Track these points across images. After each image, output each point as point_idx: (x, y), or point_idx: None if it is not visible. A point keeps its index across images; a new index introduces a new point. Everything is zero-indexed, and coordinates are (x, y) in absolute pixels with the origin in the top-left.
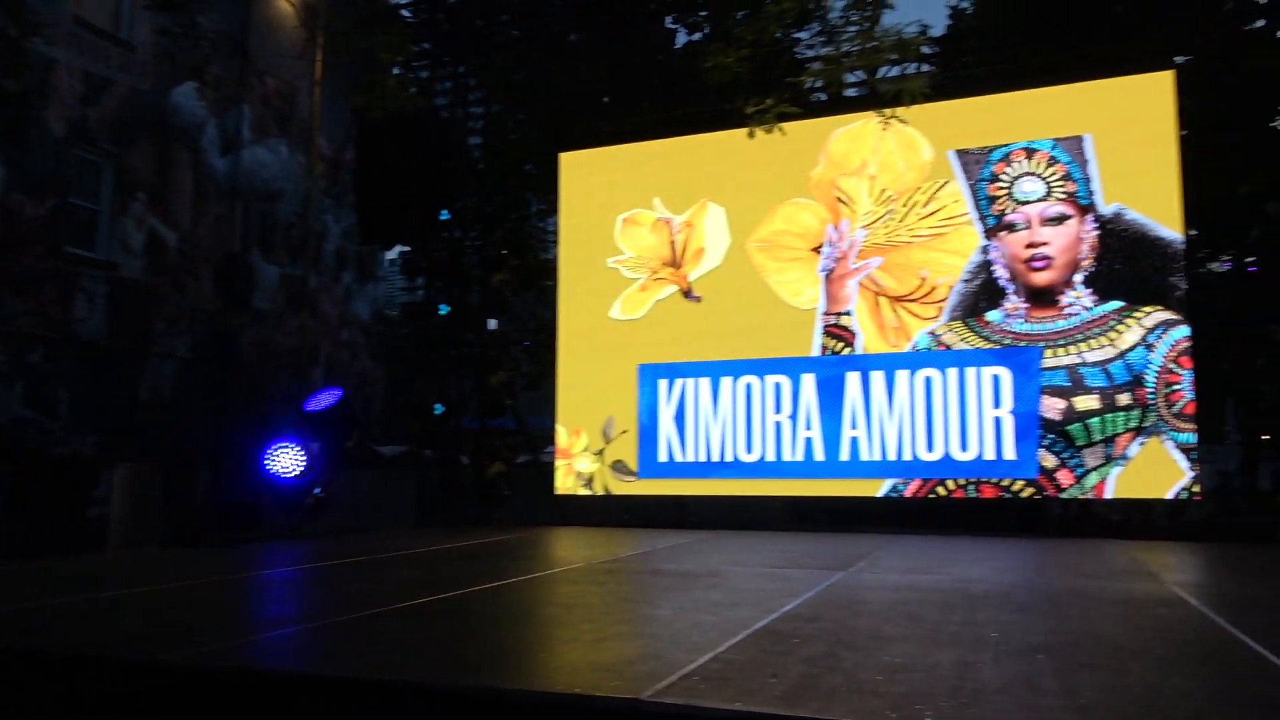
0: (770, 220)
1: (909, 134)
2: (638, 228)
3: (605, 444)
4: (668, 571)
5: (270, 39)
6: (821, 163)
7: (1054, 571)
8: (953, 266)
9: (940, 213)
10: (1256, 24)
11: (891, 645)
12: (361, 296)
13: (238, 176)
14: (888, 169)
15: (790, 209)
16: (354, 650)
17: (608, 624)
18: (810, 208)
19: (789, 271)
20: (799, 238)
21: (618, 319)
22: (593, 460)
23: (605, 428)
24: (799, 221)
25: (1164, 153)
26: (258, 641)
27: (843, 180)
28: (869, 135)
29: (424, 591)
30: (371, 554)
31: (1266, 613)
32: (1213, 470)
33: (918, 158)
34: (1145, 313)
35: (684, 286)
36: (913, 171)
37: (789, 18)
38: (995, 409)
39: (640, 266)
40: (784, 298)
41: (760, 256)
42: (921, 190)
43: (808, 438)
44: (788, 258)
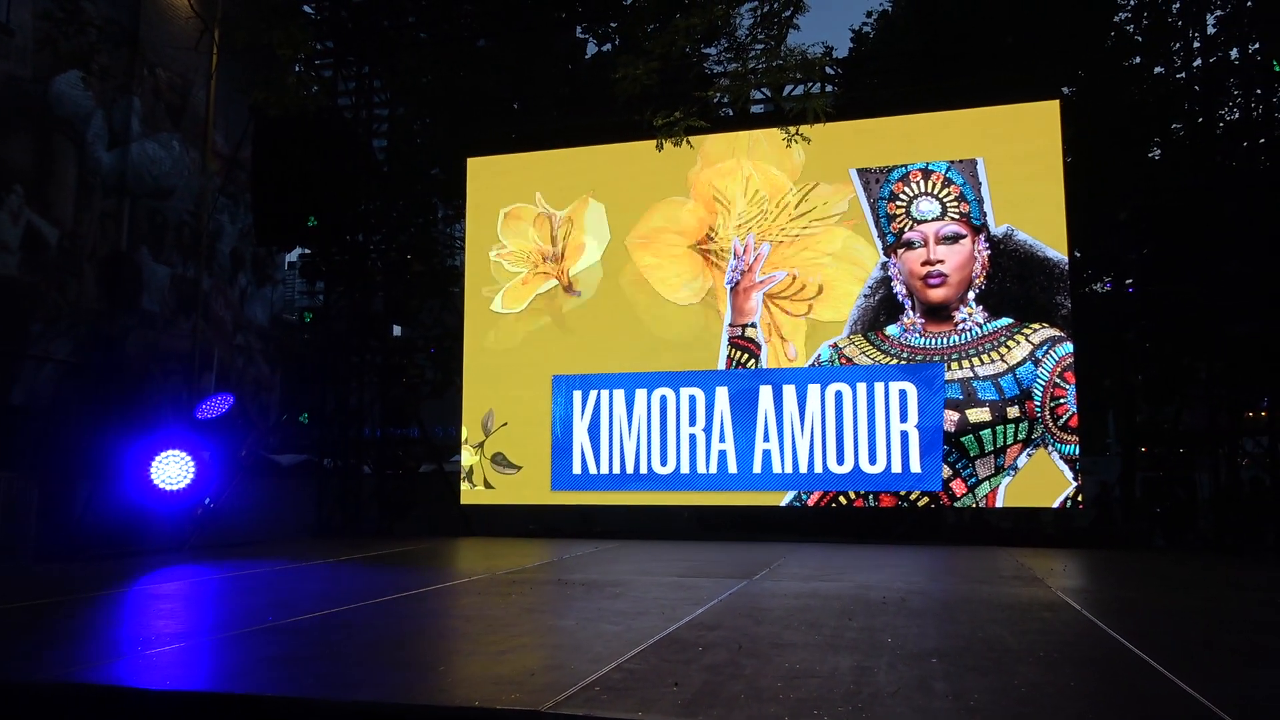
0: (649, 217)
1: (781, 135)
2: (519, 222)
3: (485, 436)
4: (573, 581)
5: (163, 29)
6: (698, 162)
7: (947, 578)
8: (821, 265)
9: (810, 214)
10: (1134, 60)
11: (791, 652)
12: (258, 300)
13: (126, 171)
14: (761, 170)
15: (668, 206)
16: (237, 668)
17: (510, 635)
18: (687, 205)
19: (668, 268)
20: (677, 234)
21: (499, 312)
22: (472, 453)
23: (484, 420)
24: (677, 219)
25: (1051, 178)
26: (133, 660)
27: (718, 180)
28: (744, 137)
29: (318, 605)
30: (264, 567)
31: (1142, 616)
32: (1095, 480)
33: (790, 160)
34: (1033, 329)
35: (564, 281)
36: (784, 173)
37: (697, 33)
38: (902, 423)
39: (522, 260)
40: (663, 293)
41: (640, 253)
42: (793, 191)
43: (721, 450)
44: (666, 254)
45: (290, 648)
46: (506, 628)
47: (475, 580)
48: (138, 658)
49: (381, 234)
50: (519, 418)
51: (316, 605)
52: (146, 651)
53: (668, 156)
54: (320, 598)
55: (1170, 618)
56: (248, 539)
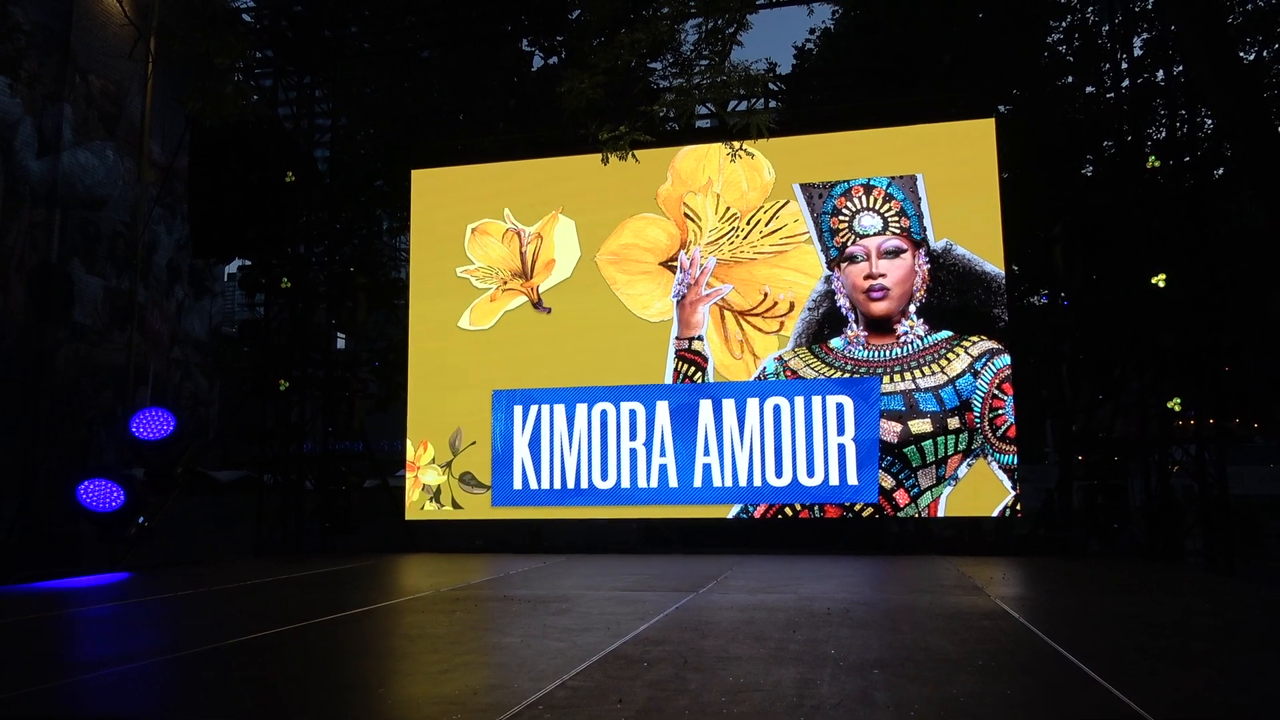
0: (619, 234)
1: (750, 151)
2: (487, 238)
3: (453, 456)
4: (518, 597)
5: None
6: (669, 179)
7: (891, 587)
8: (792, 283)
9: (781, 231)
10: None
11: (736, 665)
12: (196, 312)
13: (57, 180)
14: (732, 188)
15: (639, 223)
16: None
17: (453, 654)
18: (658, 222)
19: (638, 284)
20: (648, 251)
21: (466, 329)
22: (440, 473)
23: (453, 440)
24: (647, 235)
25: (987, 193)
26: (63, 686)
27: (689, 197)
28: (715, 154)
29: (256, 626)
30: (201, 586)
31: (1077, 623)
32: (1035, 489)
33: (760, 178)
34: (972, 342)
35: (534, 298)
36: (755, 191)
37: (643, 47)
38: (839, 436)
39: (490, 277)
40: (633, 310)
41: (610, 269)
42: (764, 209)
43: (662, 464)
44: (637, 270)
45: (226, 671)
46: (450, 646)
47: (419, 598)
48: (60, 686)
49: (324, 245)
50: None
51: (255, 626)
52: (70, 680)
53: (638, 173)
54: (258, 618)
55: (1103, 624)
56: (185, 558)
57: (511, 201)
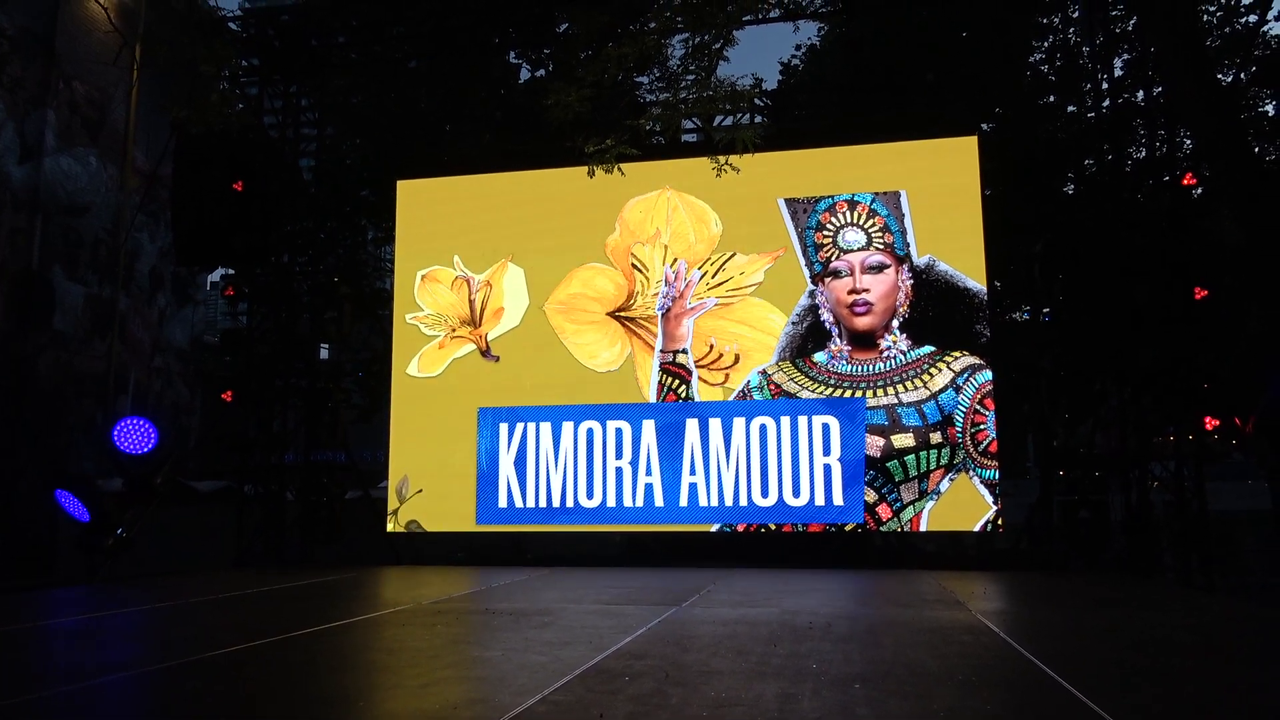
0: (568, 283)
1: (700, 207)
2: (437, 284)
3: (399, 503)
4: (500, 611)
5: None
6: (618, 229)
7: (873, 602)
8: (738, 335)
9: (728, 284)
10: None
11: (718, 680)
12: (178, 321)
13: (39, 187)
14: (679, 239)
15: (587, 273)
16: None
17: (434, 668)
18: (606, 272)
19: (586, 334)
20: (595, 300)
21: (415, 376)
22: (389, 521)
23: (400, 487)
24: (595, 285)
25: (970, 210)
26: (33, 701)
27: (637, 248)
28: (663, 206)
29: (235, 639)
30: (180, 598)
31: (1057, 638)
32: (1017, 504)
33: (707, 230)
34: (954, 357)
35: (482, 346)
36: (703, 243)
37: (629, 61)
38: (825, 456)
39: (438, 324)
40: (581, 360)
41: (558, 318)
42: (711, 261)
43: (648, 483)
44: (584, 320)
45: (203, 685)
46: (430, 660)
47: (400, 611)
48: (30, 701)
49: (308, 255)
50: (445, 446)
51: (232, 639)
52: (40, 694)
53: (587, 222)
54: (237, 631)
55: (1083, 639)
56: (164, 570)
57: (461, 248)
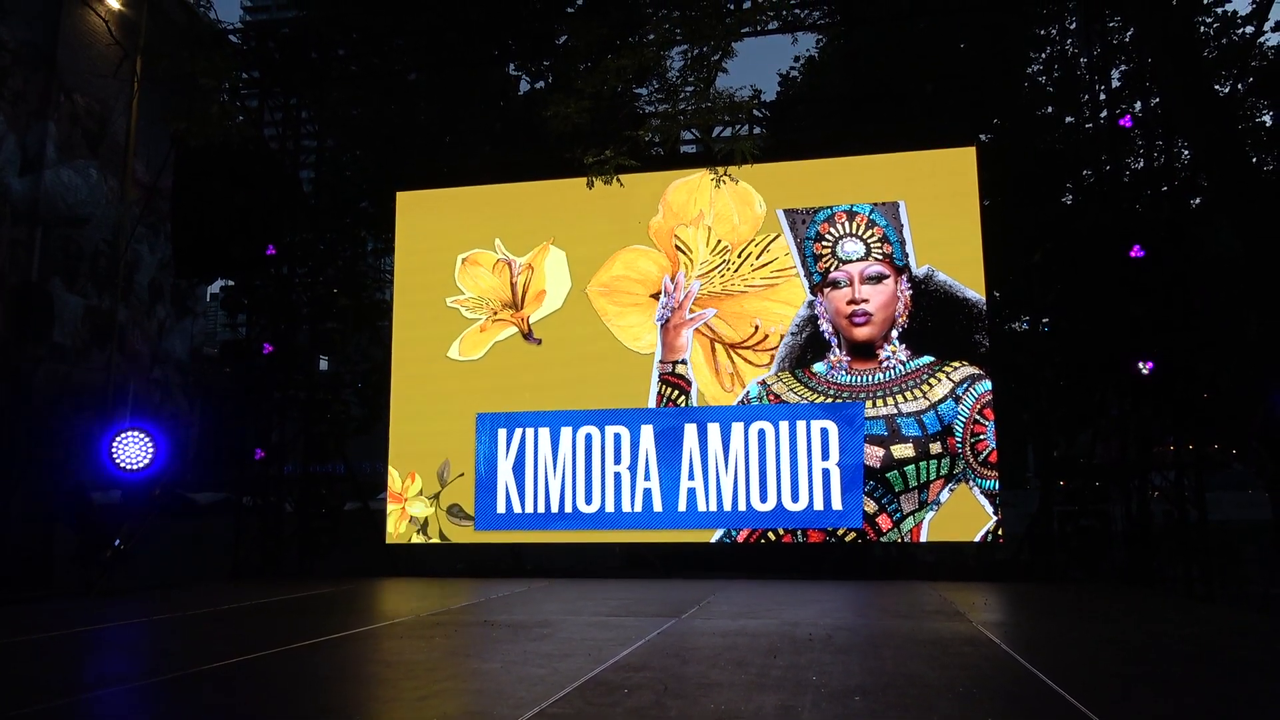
0: (610, 265)
1: (743, 188)
2: (478, 268)
3: (441, 488)
4: (499, 622)
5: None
6: (661, 211)
7: (873, 613)
8: (783, 316)
9: (772, 264)
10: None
11: (717, 692)
12: (178, 332)
13: (39, 199)
14: (723, 220)
15: (630, 255)
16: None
17: (432, 681)
18: (650, 255)
19: (628, 316)
20: (638, 283)
21: (456, 359)
22: (427, 504)
23: (441, 471)
24: (638, 268)
25: (968, 220)
26: (27, 715)
27: (681, 230)
28: (706, 187)
29: (232, 651)
30: (177, 610)
31: (1058, 649)
32: (1017, 514)
33: (751, 211)
34: (954, 367)
35: (524, 329)
36: (746, 224)
37: (628, 73)
38: (824, 461)
39: (480, 307)
40: (624, 342)
41: (600, 301)
42: (755, 242)
43: (646, 489)
44: (628, 303)
45: (198, 698)
46: (428, 672)
47: (398, 623)
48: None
49: (308, 266)
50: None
51: (231, 651)
52: (34, 708)
53: (630, 205)
54: (235, 643)
55: (1084, 650)
56: (161, 581)
57: (502, 231)
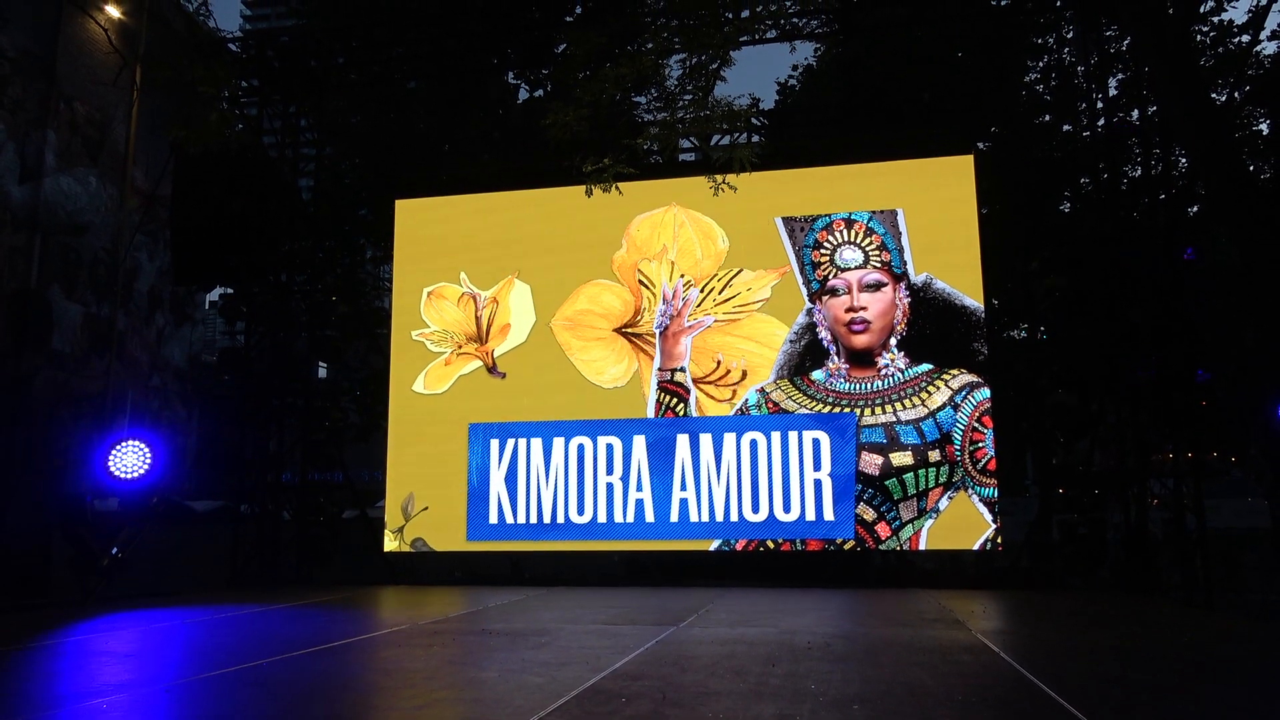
0: (574, 299)
1: (706, 224)
2: (443, 301)
3: (405, 521)
4: (497, 631)
5: (82, 62)
6: (624, 246)
7: (872, 621)
8: (745, 351)
9: (735, 300)
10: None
11: (715, 701)
12: (176, 340)
13: (38, 206)
14: (686, 255)
15: (594, 289)
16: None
17: (429, 690)
18: (613, 289)
19: (592, 350)
20: (602, 317)
21: (421, 393)
22: (392, 538)
23: (405, 505)
24: (602, 302)
25: (967, 228)
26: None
27: (644, 264)
28: (669, 222)
29: (228, 660)
30: (173, 620)
31: (1057, 657)
32: (1016, 522)
33: (714, 246)
34: (952, 375)
35: (489, 363)
36: (709, 259)
37: (627, 82)
38: (816, 471)
39: (445, 341)
40: (587, 376)
41: (564, 335)
42: (718, 277)
43: (639, 499)
44: (591, 336)
45: (196, 706)
46: (425, 681)
47: (396, 631)
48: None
49: (306, 274)
50: (443, 464)
51: (226, 660)
52: (36, 718)
53: (594, 239)
54: (230, 652)
55: (1083, 658)
56: (159, 590)
57: (467, 265)
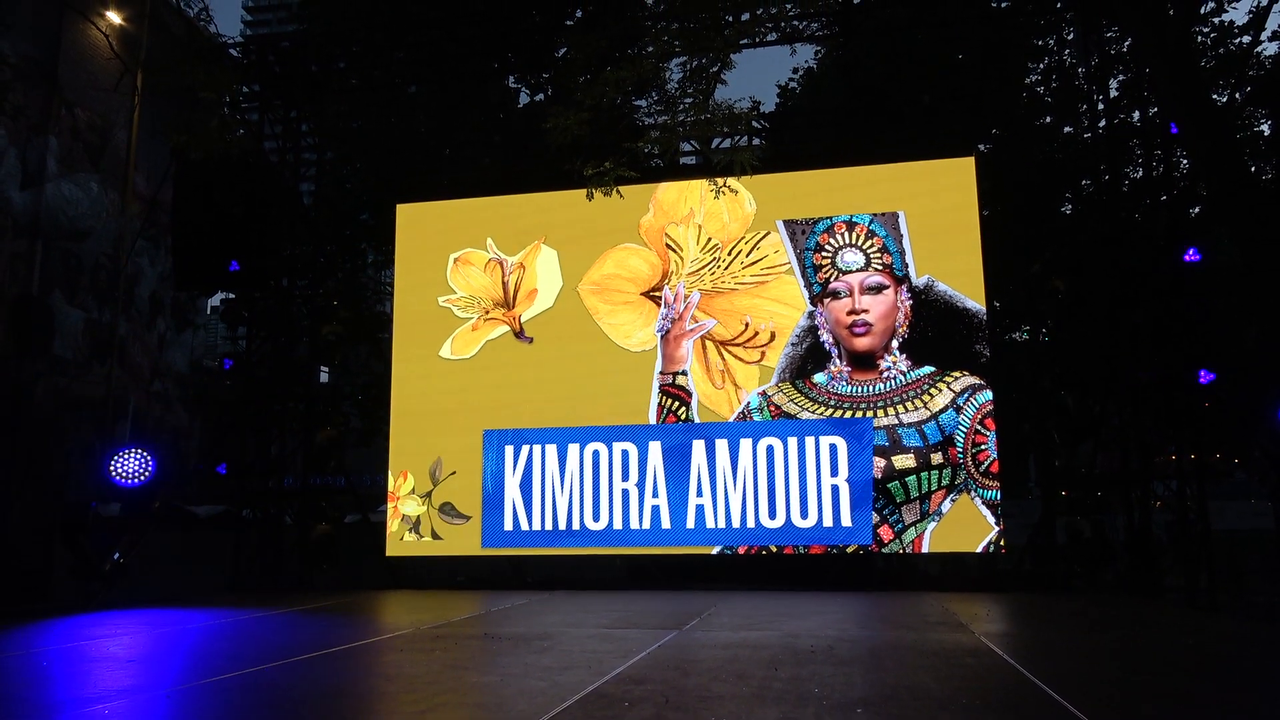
0: (601, 264)
1: (733, 186)
2: (470, 267)
3: (433, 486)
4: (500, 635)
5: (84, 67)
6: (651, 210)
7: (875, 624)
8: (773, 313)
9: (762, 261)
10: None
11: (719, 705)
12: (178, 345)
13: (40, 212)
14: (713, 219)
15: (621, 253)
16: None
17: (431, 695)
18: (640, 253)
19: (620, 314)
20: (629, 281)
21: (448, 358)
22: (419, 503)
23: (433, 469)
24: (629, 266)
25: (968, 230)
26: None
27: (671, 228)
28: (696, 186)
29: (230, 665)
30: (175, 625)
31: (1060, 659)
32: (1019, 524)
33: (741, 210)
34: (954, 377)
35: (515, 327)
36: (736, 223)
37: (628, 85)
38: (833, 477)
39: (472, 306)
40: (615, 340)
41: (592, 299)
42: (745, 240)
43: (654, 505)
44: (619, 300)
45: (197, 712)
46: (427, 686)
47: (398, 636)
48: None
49: (308, 279)
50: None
51: (228, 665)
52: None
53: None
54: (232, 657)
55: (1087, 660)
56: (160, 595)
57: (494, 231)
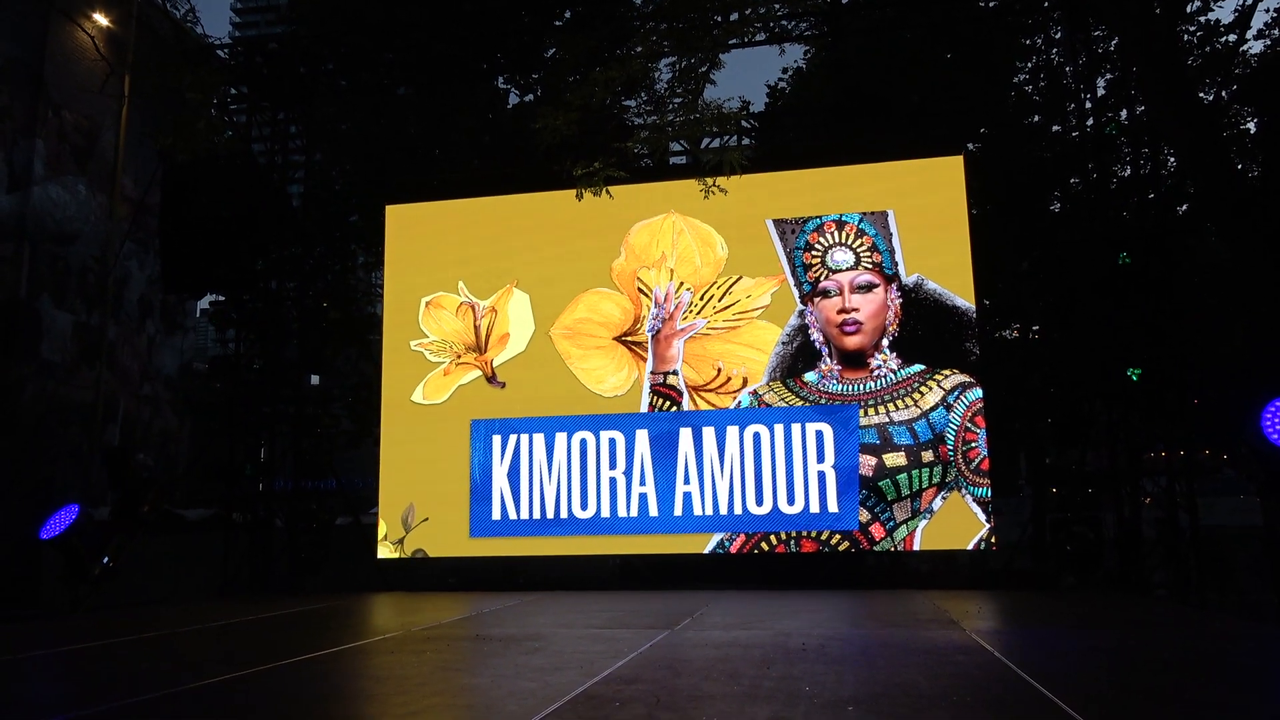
0: (573, 308)
1: (705, 230)
2: (442, 311)
3: (405, 533)
4: (490, 636)
5: (70, 70)
6: (623, 254)
7: (867, 623)
8: (745, 359)
9: (734, 306)
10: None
11: (709, 704)
12: (167, 348)
13: (26, 215)
14: (685, 263)
15: (593, 297)
16: None
17: (421, 696)
18: (612, 297)
19: (592, 359)
20: (602, 325)
21: (420, 403)
22: (392, 549)
23: (405, 516)
24: (601, 310)
25: (957, 229)
26: None
27: (643, 272)
28: (668, 230)
29: (220, 669)
30: (163, 628)
31: (1051, 657)
32: (1010, 522)
33: (713, 254)
34: (945, 375)
35: (488, 372)
36: (708, 267)
37: (617, 85)
38: (819, 464)
39: (444, 351)
40: (588, 385)
41: (564, 344)
42: (717, 285)
43: (642, 493)
44: (591, 345)
45: (187, 716)
46: (418, 688)
47: (389, 638)
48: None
49: (297, 281)
50: (438, 467)
51: (219, 669)
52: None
53: (592, 248)
54: (222, 661)
55: (1077, 658)
56: (150, 599)
57: (465, 274)
